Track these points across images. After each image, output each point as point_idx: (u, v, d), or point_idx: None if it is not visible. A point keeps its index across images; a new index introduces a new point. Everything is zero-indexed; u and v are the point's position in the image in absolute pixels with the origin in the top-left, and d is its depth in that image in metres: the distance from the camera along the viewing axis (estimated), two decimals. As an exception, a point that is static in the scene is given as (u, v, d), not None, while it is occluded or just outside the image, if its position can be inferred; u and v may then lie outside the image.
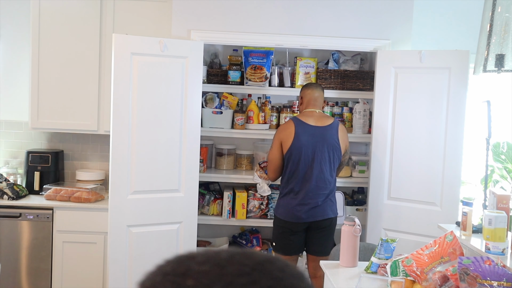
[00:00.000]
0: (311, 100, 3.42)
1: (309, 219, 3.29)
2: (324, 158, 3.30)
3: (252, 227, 4.20)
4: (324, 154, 3.30)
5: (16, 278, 3.77)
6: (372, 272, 2.46)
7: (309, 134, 3.31)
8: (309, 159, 3.29)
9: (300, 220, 3.30)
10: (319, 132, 3.32)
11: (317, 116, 3.37)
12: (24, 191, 3.94)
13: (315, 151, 3.29)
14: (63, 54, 3.90)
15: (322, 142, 3.30)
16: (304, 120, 3.35)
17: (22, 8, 4.16)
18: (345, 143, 3.39)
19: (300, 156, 3.29)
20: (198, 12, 3.74)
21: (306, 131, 3.31)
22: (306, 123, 3.34)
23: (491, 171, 4.21)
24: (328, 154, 3.31)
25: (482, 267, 1.94)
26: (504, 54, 2.98)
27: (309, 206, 3.28)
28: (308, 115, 3.39)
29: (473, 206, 2.84)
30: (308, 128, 3.32)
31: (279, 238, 3.42)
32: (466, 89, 3.51)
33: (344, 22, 3.79)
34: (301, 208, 3.29)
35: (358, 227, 2.60)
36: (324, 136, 3.31)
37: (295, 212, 3.30)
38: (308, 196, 3.28)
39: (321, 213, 3.30)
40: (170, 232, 3.57)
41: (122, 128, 3.38)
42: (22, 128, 4.26)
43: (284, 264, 0.67)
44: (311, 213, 3.29)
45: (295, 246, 3.39)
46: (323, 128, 3.33)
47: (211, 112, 3.90)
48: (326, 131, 3.32)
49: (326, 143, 3.30)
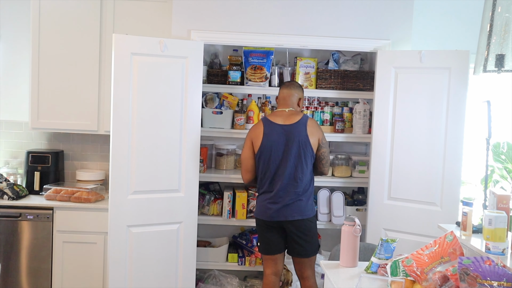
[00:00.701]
0: (281, 99, 3.46)
1: (280, 218, 3.29)
2: (294, 156, 3.29)
3: (252, 227, 4.20)
4: (293, 152, 3.28)
5: (16, 278, 3.77)
6: (372, 272, 2.46)
7: (277, 133, 3.32)
8: (279, 158, 3.30)
9: (271, 219, 3.31)
10: (287, 130, 3.32)
11: (286, 115, 3.38)
12: (24, 191, 3.94)
13: (284, 149, 3.29)
14: (63, 54, 3.90)
15: (291, 140, 3.30)
16: (272, 120, 3.37)
17: (22, 8, 4.16)
18: (316, 137, 3.33)
19: (270, 156, 3.31)
20: (198, 12, 3.74)
21: (274, 131, 3.33)
22: (274, 123, 3.36)
23: (491, 171, 4.21)
24: (298, 152, 3.29)
25: (482, 267, 1.94)
26: (504, 54, 2.98)
27: (279, 205, 3.29)
28: (277, 115, 3.41)
29: (473, 206, 2.84)
30: (276, 127, 3.34)
31: (260, 238, 3.46)
32: (466, 89, 3.50)
33: (344, 22, 3.79)
34: (272, 206, 3.30)
35: (358, 227, 2.60)
36: (292, 134, 3.30)
37: (266, 210, 3.32)
38: (278, 195, 3.29)
39: (290, 213, 3.28)
40: (170, 232, 3.57)
41: (122, 128, 3.38)
42: (22, 128, 4.26)
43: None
44: (281, 212, 3.29)
45: (273, 245, 3.39)
46: (291, 126, 3.32)
47: (211, 112, 3.90)
48: (294, 129, 3.31)
49: (295, 141, 3.29)
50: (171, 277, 3.60)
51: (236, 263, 3.99)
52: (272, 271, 3.42)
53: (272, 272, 3.42)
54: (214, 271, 3.99)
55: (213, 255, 3.96)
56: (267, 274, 3.43)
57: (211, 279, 3.94)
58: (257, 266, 3.99)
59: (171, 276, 3.60)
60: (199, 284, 3.90)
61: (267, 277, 3.43)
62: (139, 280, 3.50)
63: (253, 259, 3.97)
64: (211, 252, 3.96)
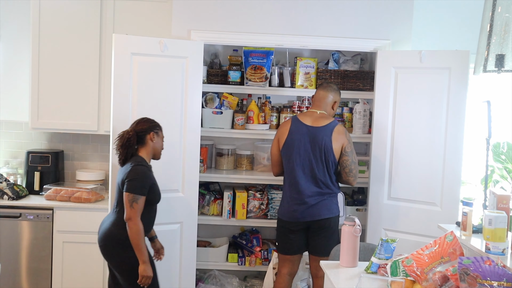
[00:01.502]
0: (316, 100, 3.45)
1: (305, 218, 3.29)
2: (316, 158, 3.29)
3: (252, 227, 4.20)
4: (316, 154, 3.29)
5: (16, 278, 3.77)
6: (372, 272, 2.46)
7: (301, 133, 3.32)
8: (301, 158, 3.30)
9: (296, 220, 3.31)
10: (312, 132, 3.31)
11: (316, 117, 3.37)
12: (24, 191, 3.94)
13: (306, 150, 3.30)
14: (63, 54, 3.90)
15: (314, 142, 3.29)
16: (301, 119, 3.37)
17: (22, 8, 4.16)
18: (340, 143, 3.30)
19: (292, 154, 3.31)
20: (198, 12, 3.74)
21: (299, 130, 3.33)
22: (302, 122, 3.35)
23: (491, 171, 4.21)
24: (320, 155, 3.29)
25: (482, 267, 1.94)
26: (504, 54, 2.98)
27: (305, 206, 3.28)
28: (307, 115, 3.40)
29: (473, 206, 2.84)
30: (302, 127, 3.33)
31: (281, 238, 3.43)
32: (466, 89, 3.50)
33: (344, 22, 3.79)
34: (297, 208, 3.30)
35: (358, 227, 2.60)
36: (316, 137, 3.29)
37: (293, 212, 3.32)
38: (304, 195, 3.28)
39: (317, 212, 3.29)
40: (170, 232, 3.56)
41: (122, 128, 3.37)
42: (22, 128, 4.26)
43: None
44: (307, 213, 3.29)
45: (295, 246, 3.39)
46: (316, 129, 3.31)
47: (211, 112, 3.90)
48: (319, 132, 3.30)
49: (317, 144, 3.28)
50: (171, 277, 3.60)
51: (236, 263, 3.99)
52: (288, 271, 3.42)
53: (288, 272, 3.42)
54: (214, 271, 3.99)
55: (213, 255, 3.96)
56: (283, 273, 3.42)
57: (211, 279, 3.94)
58: (257, 266, 3.99)
59: (171, 276, 3.60)
60: (199, 284, 3.90)
61: (283, 276, 3.42)
62: (139, 280, 3.49)
63: (253, 259, 3.97)
64: (211, 252, 3.96)
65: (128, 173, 2.90)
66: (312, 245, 3.37)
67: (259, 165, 4.09)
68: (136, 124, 3.05)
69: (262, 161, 4.08)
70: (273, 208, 3.93)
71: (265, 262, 3.98)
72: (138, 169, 2.93)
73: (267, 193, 3.97)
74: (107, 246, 2.97)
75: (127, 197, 2.87)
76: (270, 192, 3.97)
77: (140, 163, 2.97)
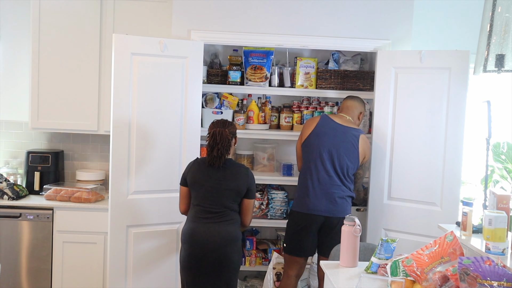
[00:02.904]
0: (344, 108, 3.57)
1: (324, 213, 3.27)
2: (341, 153, 3.33)
3: (252, 227, 4.20)
4: (341, 151, 3.33)
5: (16, 278, 3.77)
6: (372, 272, 2.46)
7: (330, 128, 3.38)
8: (327, 148, 3.32)
9: (314, 212, 3.27)
10: (341, 129, 3.38)
11: (346, 120, 3.48)
12: (24, 191, 3.94)
13: (333, 143, 3.33)
14: (63, 54, 3.90)
15: (342, 137, 3.35)
16: (330, 117, 3.46)
17: (22, 8, 4.16)
18: (364, 151, 3.42)
19: (315, 146, 3.34)
20: (198, 12, 3.74)
21: (328, 125, 3.40)
22: (331, 119, 3.43)
23: (491, 171, 4.21)
24: (345, 151, 3.33)
25: (482, 267, 1.94)
26: (504, 54, 2.98)
27: (323, 199, 3.28)
28: (337, 116, 3.50)
29: (473, 206, 2.84)
30: (331, 123, 3.41)
31: (292, 238, 3.35)
32: (466, 89, 3.50)
33: (344, 22, 3.79)
34: (314, 201, 3.28)
35: (358, 227, 2.60)
36: (345, 134, 3.37)
37: (308, 203, 3.28)
38: (322, 188, 3.29)
39: (340, 209, 3.29)
40: (170, 232, 3.57)
41: (122, 128, 3.38)
42: (22, 128, 4.26)
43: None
44: (326, 207, 3.28)
45: (307, 247, 3.34)
46: (346, 128, 3.40)
47: (211, 112, 3.90)
48: (348, 131, 3.39)
49: (345, 140, 3.35)
50: (171, 277, 3.60)
51: (236, 263, 3.99)
52: (296, 273, 3.40)
53: (296, 274, 3.40)
54: (214, 271, 3.99)
55: (213, 255, 3.96)
56: (291, 275, 3.38)
57: (211, 279, 3.94)
58: (257, 266, 3.99)
59: (171, 276, 3.60)
60: (199, 284, 3.90)
61: (290, 278, 3.38)
62: (139, 280, 3.50)
63: (253, 259, 3.97)
64: (211, 252, 3.96)
65: (252, 181, 3.10)
66: (325, 246, 3.30)
67: (259, 165, 4.09)
68: (228, 126, 3.09)
69: (262, 161, 4.08)
70: (273, 208, 3.93)
71: (265, 262, 3.98)
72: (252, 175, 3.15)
73: (267, 193, 3.97)
74: (236, 246, 3.03)
75: (253, 204, 3.13)
76: (270, 192, 3.97)
77: (248, 168, 3.22)
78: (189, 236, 3.00)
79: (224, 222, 3.00)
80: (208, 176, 3.02)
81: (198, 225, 2.99)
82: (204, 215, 3.01)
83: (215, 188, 3.01)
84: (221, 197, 3.01)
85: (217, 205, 3.01)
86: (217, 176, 3.02)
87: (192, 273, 3.00)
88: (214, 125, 3.09)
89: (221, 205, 3.01)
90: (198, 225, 2.99)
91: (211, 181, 3.01)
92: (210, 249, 2.95)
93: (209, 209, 3.00)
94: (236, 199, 3.04)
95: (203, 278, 2.99)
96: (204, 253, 2.95)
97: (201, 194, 3.03)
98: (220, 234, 2.97)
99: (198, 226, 2.99)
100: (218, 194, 3.01)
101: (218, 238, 2.96)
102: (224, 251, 2.96)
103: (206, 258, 2.95)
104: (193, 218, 3.03)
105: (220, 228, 2.98)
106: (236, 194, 3.03)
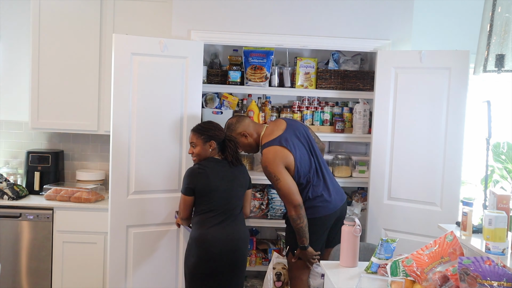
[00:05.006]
0: (253, 124, 3.38)
1: (339, 204, 3.27)
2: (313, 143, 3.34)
3: (252, 227, 4.20)
4: (312, 141, 3.34)
5: (16, 278, 3.77)
6: (372, 272, 2.46)
7: (290, 140, 3.20)
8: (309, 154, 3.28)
9: (334, 209, 3.23)
10: (291, 131, 3.28)
11: (275, 126, 3.30)
12: (24, 191, 3.94)
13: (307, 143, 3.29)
14: (63, 54, 3.90)
15: (303, 131, 3.31)
16: (278, 134, 3.22)
17: (22, 8, 4.16)
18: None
19: (303, 159, 3.22)
20: (198, 12, 3.74)
21: (287, 139, 3.19)
22: (281, 135, 3.20)
23: (491, 171, 4.21)
24: (312, 139, 3.37)
25: (482, 267, 1.94)
26: (504, 54, 2.98)
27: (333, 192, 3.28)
28: (271, 132, 3.27)
29: (473, 206, 2.84)
30: (286, 135, 3.21)
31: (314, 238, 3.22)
32: (466, 89, 3.50)
33: (344, 22, 3.79)
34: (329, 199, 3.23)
35: (358, 227, 2.60)
36: (298, 128, 3.31)
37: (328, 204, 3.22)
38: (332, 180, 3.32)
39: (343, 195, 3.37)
40: (170, 232, 3.57)
41: (122, 128, 3.38)
42: (22, 128, 4.26)
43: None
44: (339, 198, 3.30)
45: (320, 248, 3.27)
46: (290, 126, 3.31)
47: (211, 112, 3.90)
48: (294, 124, 3.34)
49: (305, 130, 3.33)
50: (171, 277, 3.60)
51: (236, 263, 3.99)
52: (307, 276, 3.32)
53: (307, 277, 3.32)
54: (214, 271, 3.99)
55: (213, 255, 3.96)
56: (305, 279, 3.29)
57: (211, 279, 3.94)
58: (257, 266, 3.99)
59: (171, 276, 3.60)
60: (199, 284, 3.90)
61: (304, 282, 3.29)
62: (139, 280, 3.50)
63: (253, 259, 3.97)
64: (211, 252, 3.96)
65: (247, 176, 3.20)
66: (335, 237, 3.19)
67: (259, 165, 4.09)
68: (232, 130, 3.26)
69: (262, 161, 4.08)
70: (273, 208, 3.93)
71: (265, 262, 3.99)
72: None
73: (267, 193, 3.97)
74: (246, 249, 3.11)
75: (251, 192, 3.27)
76: (270, 192, 3.97)
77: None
78: (205, 242, 2.98)
79: (239, 222, 3.09)
80: (220, 179, 3.05)
81: (213, 230, 3.00)
82: (218, 220, 3.02)
83: (228, 190, 3.06)
84: (234, 197, 3.09)
85: (231, 206, 3.07)
86: (228, 177, 3.08)
87: (210, 279, 2.99)
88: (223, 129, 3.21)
89: (233, 205, 3.08)
90: (214, 230, 3.00)
91: (224, 184, 3.05)
92: (229, 251, 2.98)
93: (224, 212, 3.04)
94: (243, 194, 3.17)
95: (220, 281, 3.00)
96: (221, 256, 2.97)
97: (214, 200, 3.03)
98: (237, 235, 3.03)
99: (214, 231, 3.00)
100: (233, 194, 3.08)
101: (236, 239, 3.02)
102: (242, 251, 3.04)
103: (224, 261, 2.97)
104: (207, 224, 3.01)
105: (236, 229, 3.06)
106: (244, 188, 3.17)
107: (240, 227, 3.10)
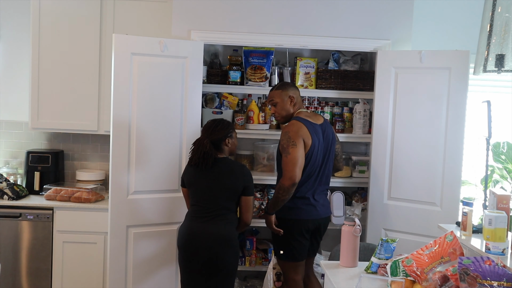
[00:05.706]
0: (300, 100, 3.36)
1: (323, 214, 3.28)
2: (332, 156, 3.32)
3: (252, 227, 4.20)
4: (332, 153, 3.31)
5: (16, 278, 3.77)
6: (372, 272, 2.46)
7: (319, 134, 3.22)
8: (321, 159, 3.24)
9: (319, 216, 3.25)
10: (323, 130, 3.26)
11: (312, 115, 3.32)
12: (24, 191, 3.94)
13: (325, 151, 3.26)
14: (63, 54, 3.90)
15: (329, 140, 3.27)
16: (311, 120, 3.22)
17: (22, 8, 4.16)
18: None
19: (317, 157, 3.20)
20: (198, 12, 3.74)
21: (317, 131, 3.21)
22: (313, 123, 3.22)
23: (491, 171, 4.21)
24: (333, 151, 3.33)
25: (482, 267, 1.94)
26: (504, 54, 2.98)
27: (320, 202, 3.27)
28: (307, 115, 3.28)
29: (473, 206, 2.84)
30: (317, 127, 3.22)
31: (293, 244, 3.23)
32: (466, 89, 3.51)
33: (344, 22, 3.79)
34: (316, 204, 3.24)
35: (358, 227, 2.60)
36: (327, 134, 3.27)
37: (313, 210, 3.23)
38: (320, 196, 3.27)
39: (329, 210, 3.37)
40: (170, 232, 3.57)
41: (122, 128, 3.38)
42: (22, 128, 4.26)
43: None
44: (324, 209, 3.30)
45: (307, 249, 3.30)
46: (324, 126, 3.28)
47: (211, 112, 3.90)
48: (328, 128, 3.30)
49: (331, 141, 3.29)
50: (171, 277, 3.60)
51: (236, 263, 3.99)
52: (301, 276, 3.34)
53: (301, 277, 3.34)
54: (214, 271, 3.99)
55: (213, 255, 3.96)
56: (298, 280, 3.30)
57: (211, 279, 3.94)
58: (257, 266, 3.99)
59: (171, 276, 3.60)
60: (199, 284, 3.90)
61: (298, 283, 3.30)
62: (139, 280, 3.50)
63: (253, 259, 3.97)
64: (211, 252, 3.96)
65: (248, 178, 3.10)
66: (314, 247, 3.37)
67: (259, 165, 4.09)
68: (211, 133, 3.08)
69: (262, 161, 4.08)
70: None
71: (265, 262, 3.98)
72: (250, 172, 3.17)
73: (267, 193, 3.97)
74: (230, 247, 3.03)
75: (252, 201, 3.14)
76: (270, 192, 3.97)
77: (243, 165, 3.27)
78: (183, 234, 3.06)
79: (217, 222, 3.02)
80: (204, 176, 3.05)
81: (193, 224, 3.05)
82: (199, 214, 3.05)
83: (211, 188, 3.05)
84: (217, 196, 3.04)
85: (213, 205, 3.04)
86: (212, 176, 3.05)
87: (187, 272, 3.06)
88: (202, 129, 3.16)
89: (216, 204, 3.04)
90: (193, 224, 3.04)
91: (207, 181, 3.05)
92: (202, 248, 2.98)
93: (205, 209, 3.04)
94: (232, 197, 3.06)
95: (196, 277, 3.02)
96: (196, 252, 2.99)
97: (198, 194, 3.09)
98: (211, 234, 3.00)
99: (193, 225, 3.04)
100: (214, 193, 3.04)
101: (209, 237, 2.99)
102: (215, 251, 2.98)
103: (198, 258, 2.99)
104: (190, 217, 3.10)
105: (212, 228, 3.01)
106: (232, 192, 3.05)
107: (222, 227, 3.01)
